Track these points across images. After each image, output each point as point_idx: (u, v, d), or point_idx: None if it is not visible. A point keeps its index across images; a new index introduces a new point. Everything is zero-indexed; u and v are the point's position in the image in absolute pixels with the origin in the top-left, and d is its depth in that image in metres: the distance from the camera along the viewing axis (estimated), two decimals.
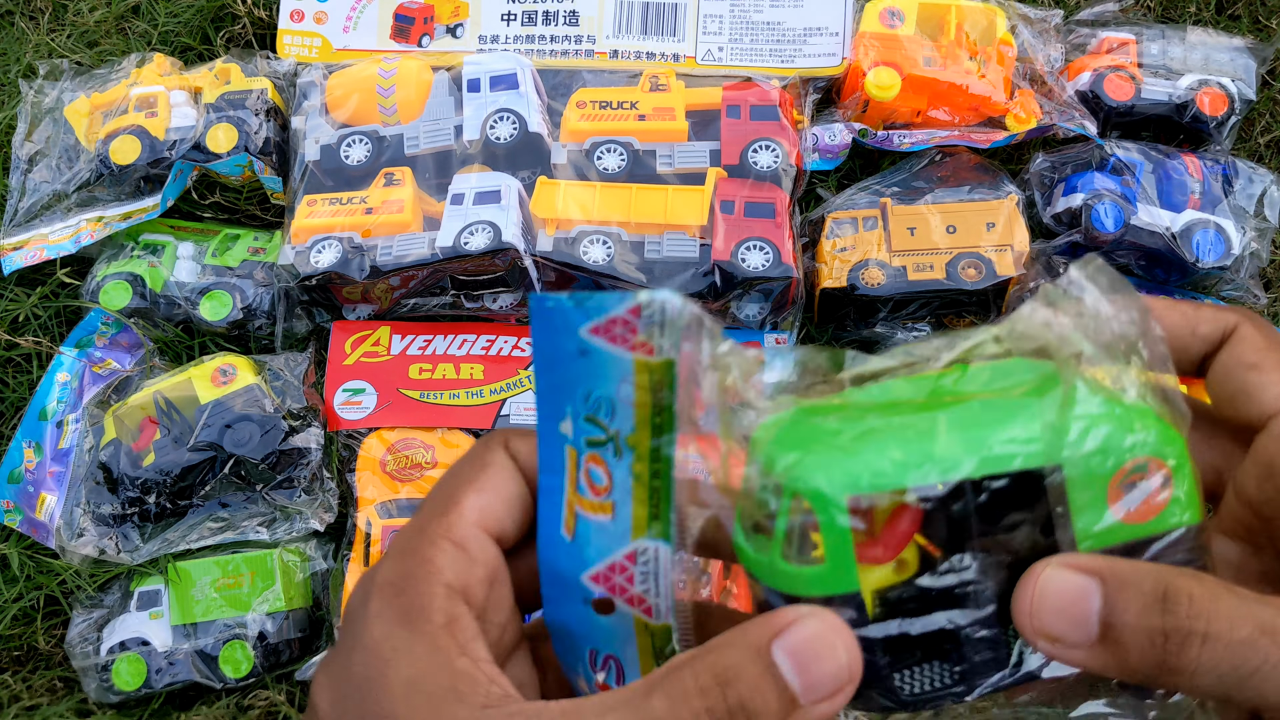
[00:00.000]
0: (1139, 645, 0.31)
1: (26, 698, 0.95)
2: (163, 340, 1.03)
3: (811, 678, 0.31)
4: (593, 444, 0.34)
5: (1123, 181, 1.02)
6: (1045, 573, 0.32)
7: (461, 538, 0.35)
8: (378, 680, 0.32)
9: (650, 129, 1.04)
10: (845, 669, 0.32)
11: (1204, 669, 0.31)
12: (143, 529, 0.96)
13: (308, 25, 1.12)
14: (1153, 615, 0.31)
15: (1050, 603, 0.32)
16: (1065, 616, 0.32)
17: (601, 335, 0.33)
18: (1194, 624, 0.31)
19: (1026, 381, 0.35)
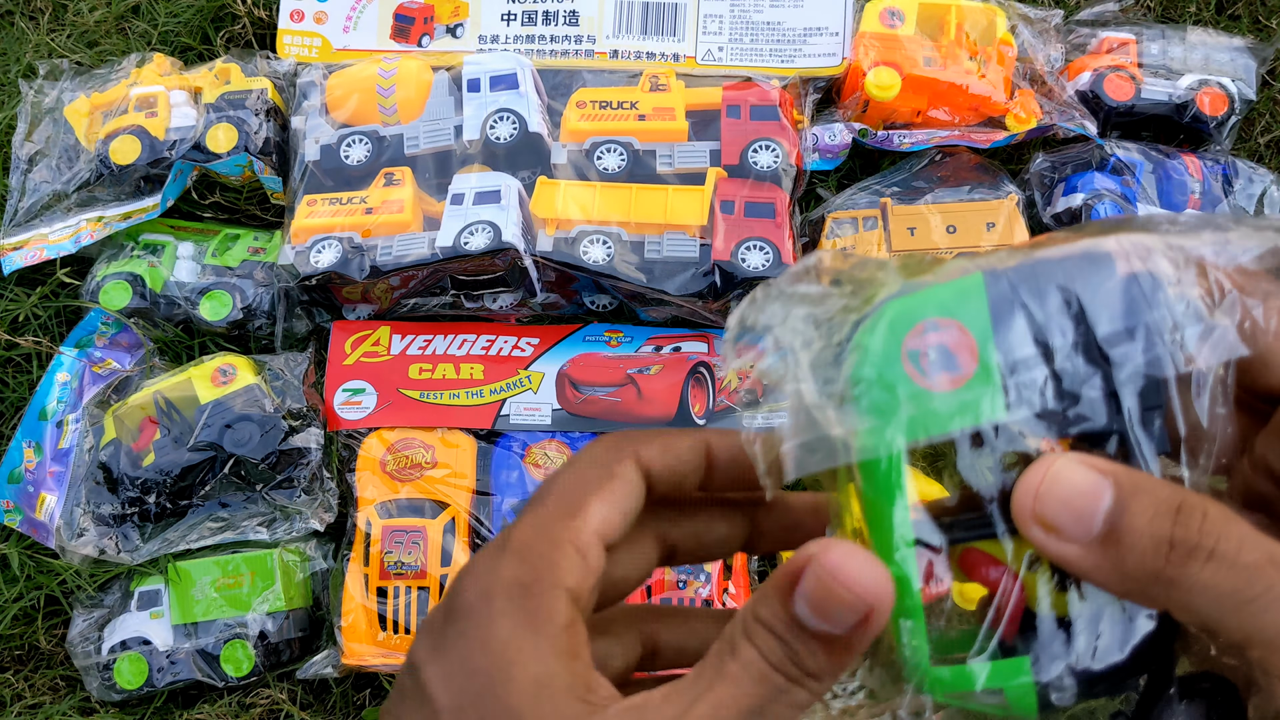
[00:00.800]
0: (1141, 550, 0.30)
1: (29, 696, 0.95)
2: (163, 340, 1.03)
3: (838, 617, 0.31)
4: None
5: (1123, 181, 1.02)
6: (1058, 463, 0.31)
7: (584, 545, 0.35)
8: (503, 678, 0.32)
9: (650, 129, 1.04)
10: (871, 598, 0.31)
11: (1202, 586, 0.30)
12: (143, 529, 0.96)
13: (308, 25, 1.12)
14: (1163, 523, 0.30)
15: (1058, 491, 0.31)
16: (1070, 508, 0.31)
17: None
18: (1204, 539, 0.30)
19: None
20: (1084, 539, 0.31)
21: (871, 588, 0.30)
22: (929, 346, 0.30)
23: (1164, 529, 0.30)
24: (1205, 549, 0.29)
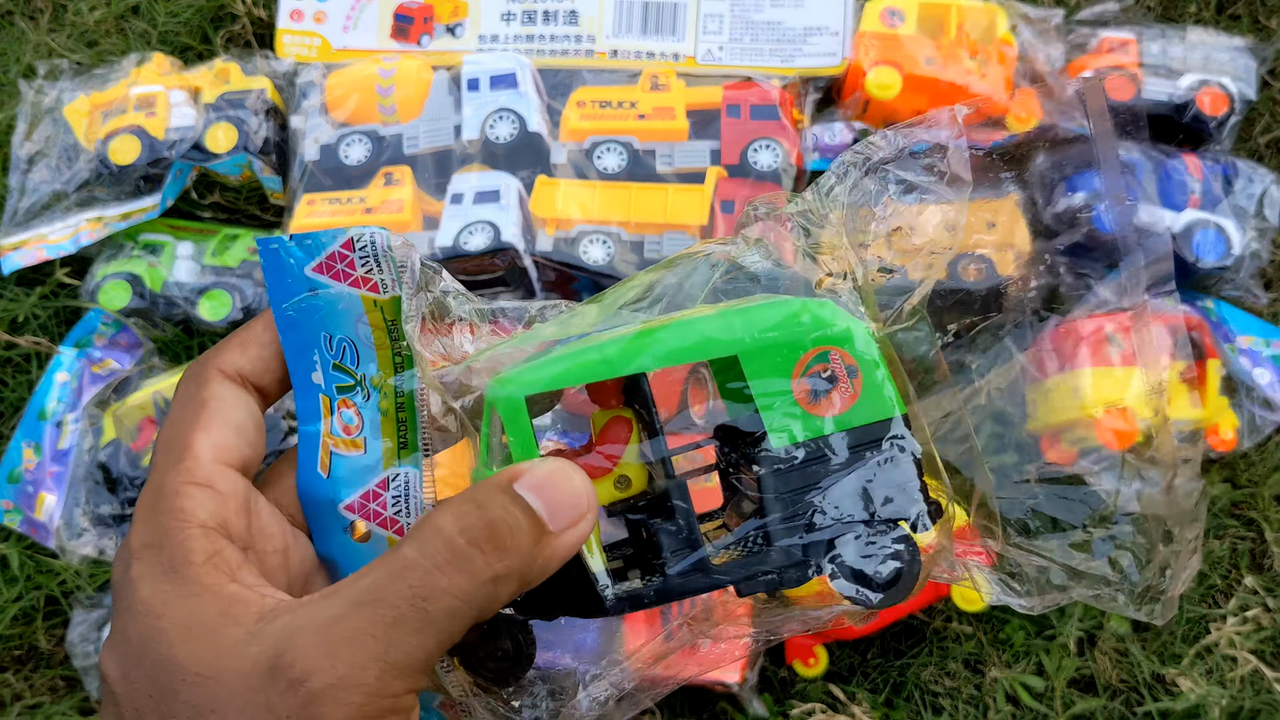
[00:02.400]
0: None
1: (29, 696, 0.95)
2: (162, 340, 1.03)
3: (555, 504, 0.33)
4: (343, 389, 0.37)
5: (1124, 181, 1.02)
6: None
7: (205, 478, 0.35)
8: (154, 636, 0.32)
9: (650, 128, 1.04)
10: (584, 496, 0.34)
11: None
12: None
13: (307, 25, 1.12)
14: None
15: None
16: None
17: (325, 273, 0.36)
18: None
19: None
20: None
21: (591, 497, 0.34)
22: None
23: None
24: None
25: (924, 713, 0.94)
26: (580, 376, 0.35)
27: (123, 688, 0.33)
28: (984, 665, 0.96)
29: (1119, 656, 0.96)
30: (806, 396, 0.36)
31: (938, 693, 0.95)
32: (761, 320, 0.36)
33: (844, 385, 0.36)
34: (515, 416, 0.35)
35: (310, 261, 0.36)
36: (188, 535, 0.33)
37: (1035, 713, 0.94)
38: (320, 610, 0.32)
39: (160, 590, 0.33)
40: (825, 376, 0.36)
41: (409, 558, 0.32)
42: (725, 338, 0.36)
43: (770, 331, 0.36)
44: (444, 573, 0.31)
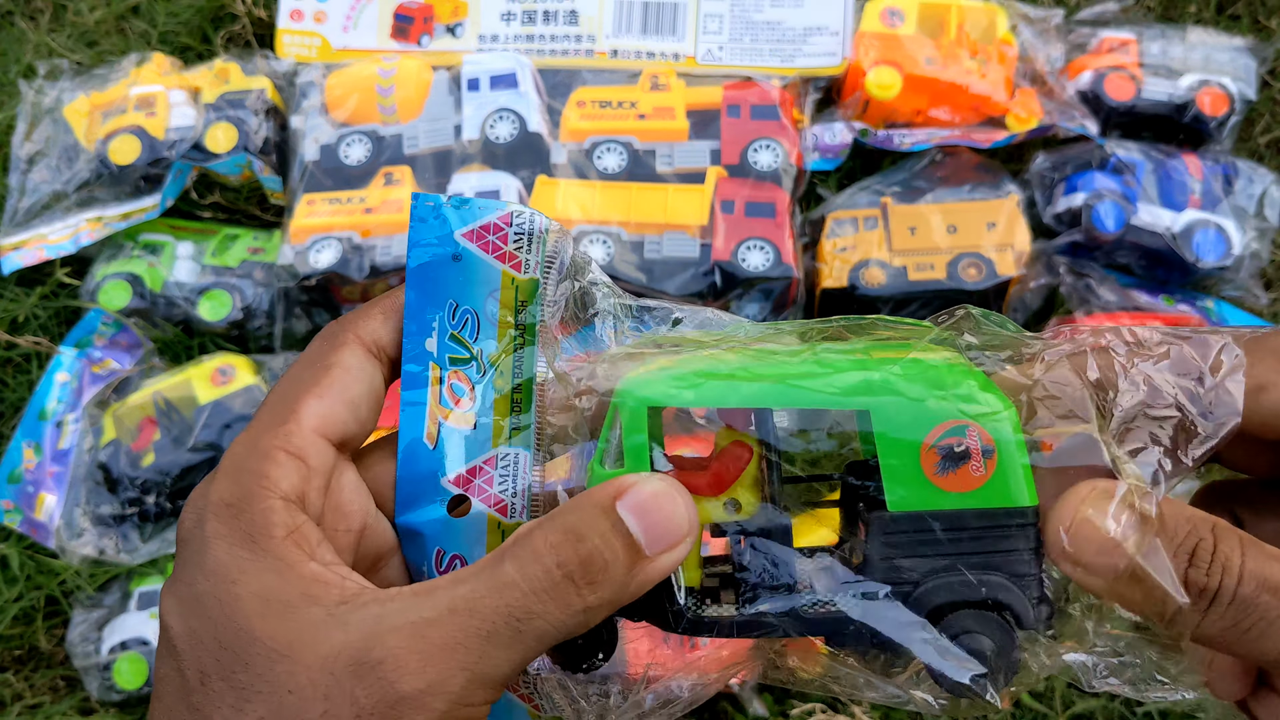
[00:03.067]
0: (1162, 589, 0.32)
1: (29, 696, 0.95)
2: (162, 340, 1.03)
3: (655, 529, 0.33)
4: (456, 361, 0.37)
5: (1123, 181, 1.02)
6: (1089, 498, 0.33)
7: (299, 448, 0.34)
8: (229, 600, 0.32)
9: (650, 128, 1.04)
10: (684, 521, 0.33)
11: (1208, 623, 0.32)
12: (142, 529, 0.96)
13: (307, 24, 1.12)
14: (1180, 562, 0.32)
15: (1085, 533, 0.33)
16: (1098, 547, 0.32)
17: (476, 241, 0.36)
18: (1210, 580, 0.32)
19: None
20: (1110, 575, 0.32)
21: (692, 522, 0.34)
22: None
23: (1180, 569, 0.32)
24: (1210, 591, 0.32)
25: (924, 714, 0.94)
26: (710, 402, 0.35)
27: (187, 644, 0.32)
28: None
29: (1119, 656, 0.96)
30: (934, 466, 0.35)
31: None
32: (906, 377, 0.35)
33: (975, 463, 0.35)
34: (636, 423, 0.34)
35: (463, 226, 0.36)
36: (269, 506, 0.33)
37: (1035, 713, 0.94)
38: (413, 609, 0.31)
39: (237, 555, 0.32)
40: (959, 450, 0.35)
41: (509, 577, 0.32)
42: (858, 392, 0.35)
43: (912, 388, 0.35)
44: (540, 599, 0.31)
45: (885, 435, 0.34)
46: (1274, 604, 0.31)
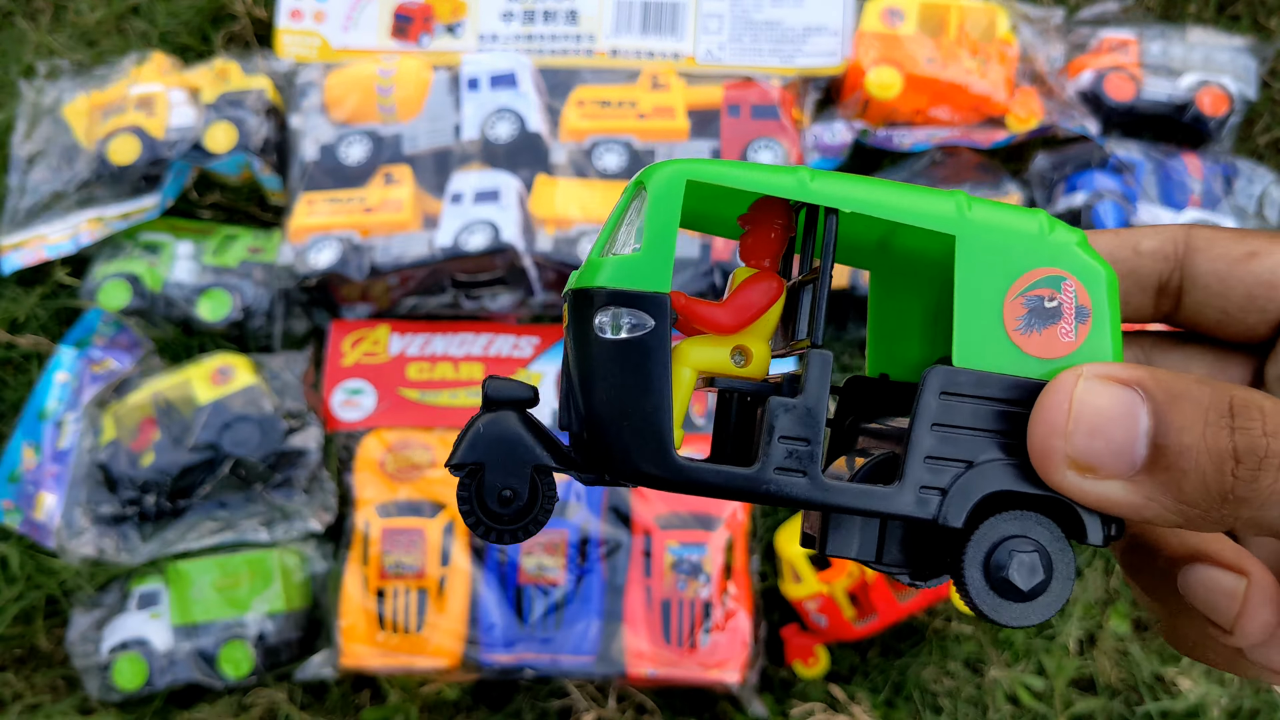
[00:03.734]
0: (1200, 471, 0.25)
1: (29, 696, 0.95)
2: (162, 340, 1.03)
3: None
4: None
5: (1124, 181, 1.02)
6: (1079, 385, 0.27)
7: None
8: None
9: (650, 128, 1.04)
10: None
11: (1279, 497, 0.25)
12: (142, 529, 0.96)
13: (307, 24, 1.12)
14: (1220, 433, 0.25)
15: (1087, 420, 0.26)
16: (1105, 439, 0.26)
17: None
18: (1272, 442, 0.25)
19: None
20: (1128, 472, 0.26)
21: None
22: None
23: (1223, 440, 0.25)
24: (1276, 453, 0.25)
25: (924, 713, 0.94)
26: (759, 184, 0.29)
27: None
28: (984, 665, 0.96)
29: (1119, 656, 0.96)
30: (1018, 322, 0.29)
31: (938, 693, 0.95)
32: (997, 213, 0.29)
33: (1066, 326, 0.29)
34: (665, 203, 0.28)
35: None
36: None
37: (1035, 713, 0.94)
38: None
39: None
40: (1050, 305, 0.29)
41: None
42: (946, 211, 0.29)
43: (1005, 224, 0.29)
44: None
45: (968, 270, 0.29)
46: None
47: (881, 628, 0.93)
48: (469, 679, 0.92)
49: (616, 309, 0.29)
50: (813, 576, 0.92)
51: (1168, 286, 0.32)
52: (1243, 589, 0.29)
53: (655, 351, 0.29)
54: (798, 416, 0.29)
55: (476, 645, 0.90)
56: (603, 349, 0.29)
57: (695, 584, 0.93)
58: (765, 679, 0.95)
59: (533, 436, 0.30)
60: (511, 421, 0.30)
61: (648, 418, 0.29)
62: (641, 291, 0.28)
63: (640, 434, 0.29)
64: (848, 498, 0.29)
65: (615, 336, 0.29)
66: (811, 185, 0.29)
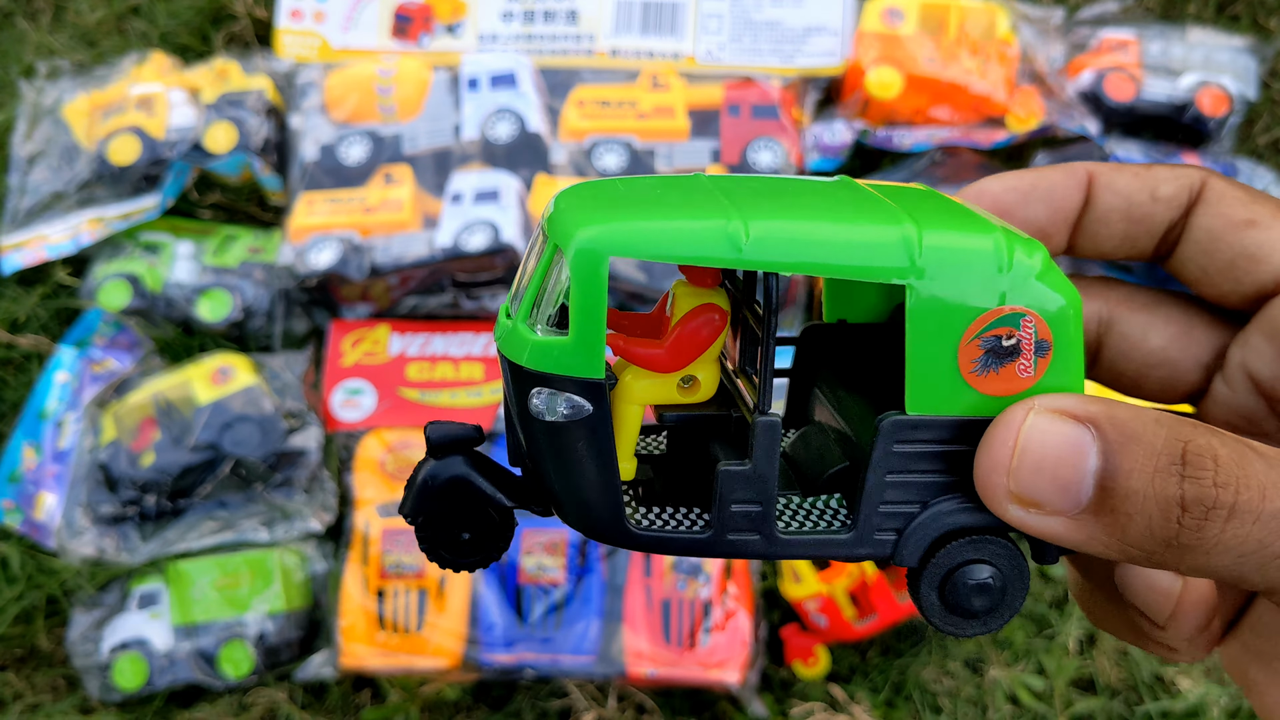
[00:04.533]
0: (1146, 516, 0.25)
1: (29, 696, 0.95)
2: (162, 340, 1.03)
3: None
4: None
5: None
6: (1028, 420, 0.26)
7: None
8: None
9: (650, 128, 1.04)
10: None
11: (1224, 547, 0.24)
12: (142, 529, 0.96)
13: (307, 24, 1.12)
14: (1168, 480, 0.24)
15: (1033, 455, 0.25)
16: (1050, 476, 0.25)
17: None
18: (1220, 493, 0.24)
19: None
20: (1072, 510, 0.25)
21: None
22: None
23: (1170, 488, 0.25)
24: (1224, 505, 0.24)
25: (924, 713, 0.94)
26: (687, 253, 0.26)
27: None
28: (984, 665, 0.96)
29: (1119, 656, 0.96)
30: (974, 364, 0.28)
31: (938, 693, 0.95)
32: (950, 247, 0.27)
33: (1025, 362, 0.28)
34: (589, 284, 0.26)
35: None
36: None
37: (1035, 713, 0.94)
38: None
39: None
40: (1008, 344, 0.28)
41: None
42: (896, 261, 0.27)
43: (960, 260, 0.27)
44: None
45: (921, 319, 0.27)
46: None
47: (881, 628, 0.93)
48: (469, 679, 0.92)
49: (552, 392, 0.27)
50: (813, 576, 0.92)
51: (1171, 232, 0.32)
52: (1178, 590, 0.30)
53: (596, 432, 0.27)
54: (748, 483, 0.28)
55: (476, 645, 0.90)
56: (542, 429, 0.28)
57: (695, 584, 0.93)
58: (765, 679, 0.95)
59: (483, 476, 0.30)
60: (458, 467, 0.30)
61: (596, 491, 0.28)
62: (576, 378, 0.27)
63: (590, 506, 0.28)
64: (803, 549, 0.29)
65: (552, 420, 0.27)
66: (745, 247, 0.26)
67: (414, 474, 0.30)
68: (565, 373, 0.27)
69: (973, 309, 0.27)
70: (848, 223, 0.27)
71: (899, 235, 0.27)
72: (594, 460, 0.28)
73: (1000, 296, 0.27)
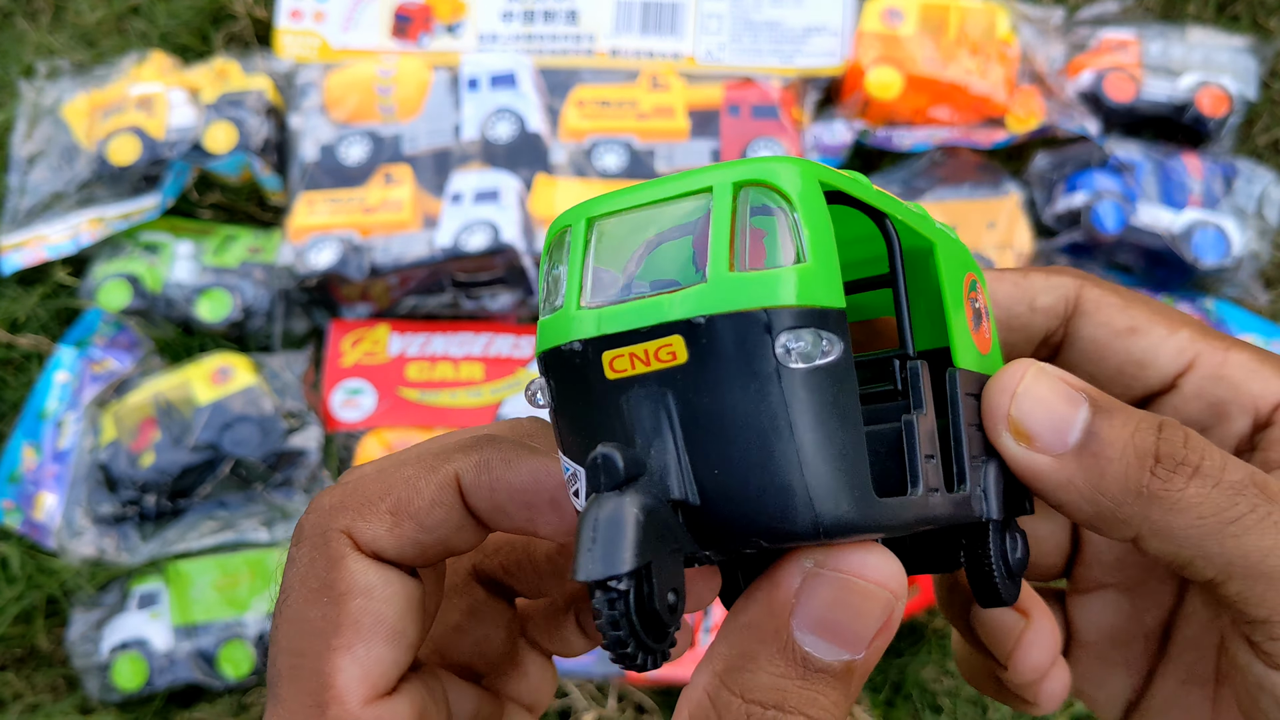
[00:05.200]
0: (1124, 461, 0.27)
1: (29, 696, 0.95)
2: (162, 340, 1.03)
3: (853, 633, 0.24)
4: None
5: (1123, 181, 1.02)
6: (1033, 368, 0.28)
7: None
8: None
9: (650, 128, 1.04)
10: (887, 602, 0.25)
11: (1185, 504, 0.26)
12: (142, 529, 0.96)
13: (307, 24, 1.12)
14: (1147, 435, 0.27)
15: (1035, 395, 0.28)
16: (1046, 411, 0.28)
17: None
18: (1189, 454, 0.27)
19: None
20: (1058, 449, 0.28)
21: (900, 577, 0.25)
22: None
23: (1148, 441, 0.27)
24: (1191, 464, 0.27)
25: (924, 713, 0.94)
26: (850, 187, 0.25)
27: None
28: None
29: None
30: (971, 322, 0.29)
31: (938, 693, 0.95)
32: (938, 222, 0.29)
33: (985, 325, 0.30)
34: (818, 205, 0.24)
35: None
36: None
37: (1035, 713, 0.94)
38: None
39: None
40: (976, 306, 0.30)
41: None
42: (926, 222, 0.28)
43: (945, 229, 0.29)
44: None
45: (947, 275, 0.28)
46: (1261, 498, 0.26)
47: None
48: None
49: (812, 331, 0.23)
50: None
51: (1050, 340, 0.33)
52: (1020, 628, 0.32)
53: (850, 374, 0.24)
54: (929, 435, 0.27)
55: None
56: (790, 384, 0.23)
57: None
58: None
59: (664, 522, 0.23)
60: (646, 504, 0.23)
61: (853, 453, 0.24)
62: (829, 309, 0.23)
63: (849, 475, 0.23)
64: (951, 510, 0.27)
65: (808, 365, 0.23)
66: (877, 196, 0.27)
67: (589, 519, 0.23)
68: (822, 304, 0.23)
69: (962, 268, 0.29)
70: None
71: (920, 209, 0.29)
72: (850, 413, 0.24)
73: (968, 261, 0.29)
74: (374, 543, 0.27)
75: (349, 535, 0.27)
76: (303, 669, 0.26)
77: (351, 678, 0.26)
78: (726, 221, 0.24)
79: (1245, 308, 1.03)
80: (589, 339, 0.24)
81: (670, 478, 0.24)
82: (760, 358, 0.23)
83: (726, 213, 0.24)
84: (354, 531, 0.27)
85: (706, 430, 0.23)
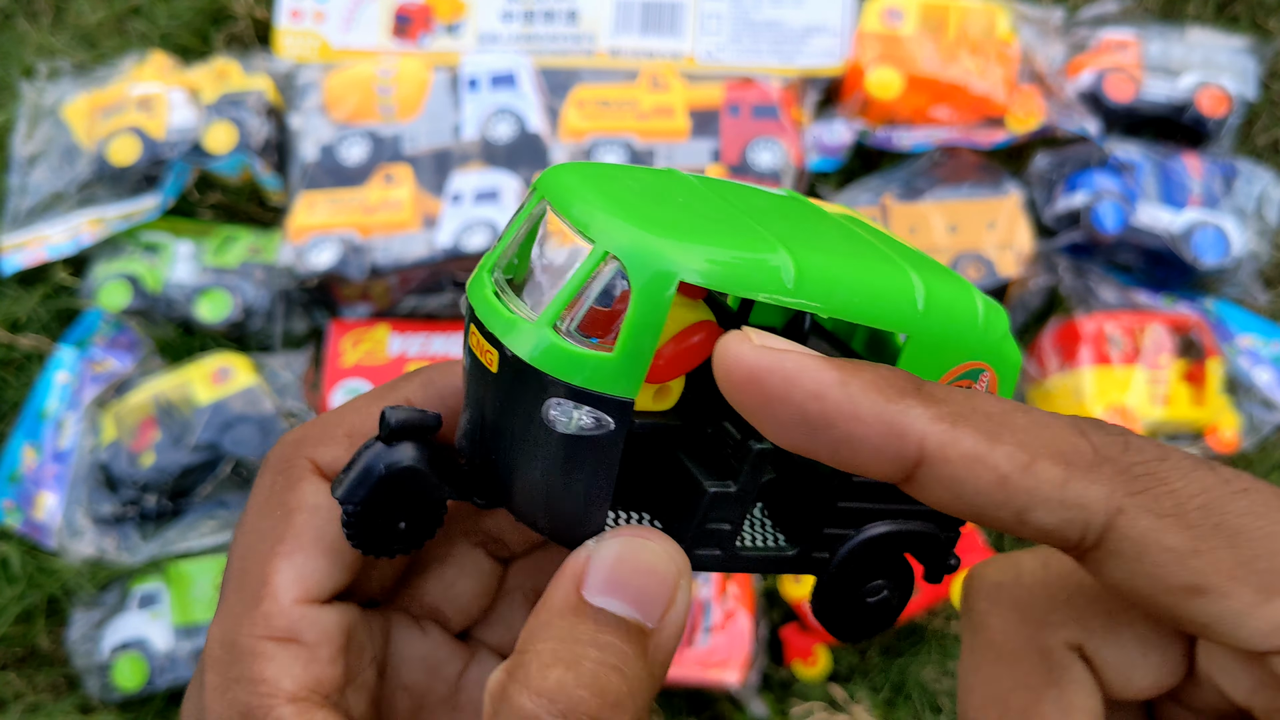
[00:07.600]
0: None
1: (29, 696, 0.95)
2: (162, 340, 1.03)
3: (647, 595, 0.26)
4: None
5: (1123, 181, 1.02)
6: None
7: (287, 628, 0.28)
8: None
9: (650, 128, 1.04)
10: (671, 565, 0.26)
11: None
12: (142, 529, 0.96)
13: (307, 24, 1.12)
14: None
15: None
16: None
17: None
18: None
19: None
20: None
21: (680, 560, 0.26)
22: None
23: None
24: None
25: (924, 713, 0.94)
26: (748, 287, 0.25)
27: None
28: None
29: None
30: None
31: (938, 693, 0.95)
32: (948, 301, 0.28)
33: None
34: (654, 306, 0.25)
35: None
36: (279, 717, 0.27)
37: None
38: None
39: None
40: None
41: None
42: (908, 313, 0.27)
43: (953, 318, 0.28)
44: None
45: (909, 364, 0.28)
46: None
47: None
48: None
49: (575, 404, 0.25)
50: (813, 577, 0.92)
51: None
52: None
53: (610, 449, 0.26)
54: (730, 504, 0.28)
55: None
56: (549, 438, 0.26)
57: (695, 583, 0.93)
58: (765, 679, 0.95)
59: (433, 468, 0.28)
60: (411, 457, 0.28)
61: (582, 504, 0.27)
62: (610, 396, 0.25)
63: (567, 517, 0.27)
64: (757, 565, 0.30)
65: (566, 432, 0.26)
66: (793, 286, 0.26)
67: (357, 456, 0.28)
68: (600, 389, 0.25)
69: (951, 359, 0.29)
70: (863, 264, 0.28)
71: (911, 283, 0.28)
72: (597, 475, 0.26)
73: (975, 353, 0.29)
74: (333, 464, 0.30)
75: (311, 461, 0.30)
76: (247, 571, 0.29)
77: (287, 579, 0.28)
78: (579, 282, 0.26)
79: (1245, 308, 1.03)
80: (469, 305, 0.28)
81: (463, 438, 0.29)
82: (535, 407, 0.26)
83: (583, 274, 0.26)
84: (315, 457, 0.30)
85: (492, 428, 0.27)
